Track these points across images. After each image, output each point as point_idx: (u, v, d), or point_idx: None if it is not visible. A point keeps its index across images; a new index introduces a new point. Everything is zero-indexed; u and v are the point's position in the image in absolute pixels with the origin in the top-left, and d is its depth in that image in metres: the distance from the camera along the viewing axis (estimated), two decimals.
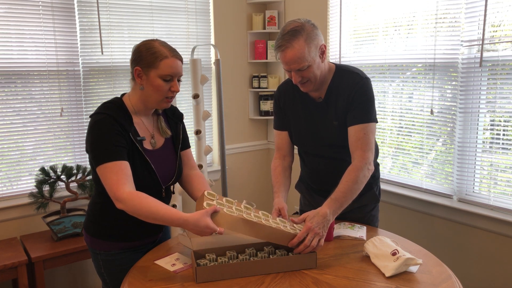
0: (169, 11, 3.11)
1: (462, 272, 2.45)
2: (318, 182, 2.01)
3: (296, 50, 1.67)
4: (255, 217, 1.52)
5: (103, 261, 1.69)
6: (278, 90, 2.00)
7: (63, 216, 2.57)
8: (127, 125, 1.56)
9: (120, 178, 1.47)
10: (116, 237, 1.67)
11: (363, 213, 1.97)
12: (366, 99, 1.79)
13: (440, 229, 2.57)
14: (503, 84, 2.24)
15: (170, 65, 1.55)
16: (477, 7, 2.28)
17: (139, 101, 1.62)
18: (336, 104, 1.82)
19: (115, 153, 1.50)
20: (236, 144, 3.54)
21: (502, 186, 2.32)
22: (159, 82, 1.55)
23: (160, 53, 1.55)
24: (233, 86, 3.47)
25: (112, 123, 1.52)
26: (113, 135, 1.51)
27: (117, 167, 1.48)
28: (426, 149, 2.64)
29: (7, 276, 2.31)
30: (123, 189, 1.46)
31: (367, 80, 1.80)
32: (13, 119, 2.62)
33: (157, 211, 1.45)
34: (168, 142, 1.73)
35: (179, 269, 1.55)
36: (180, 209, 2.96)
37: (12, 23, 2.55)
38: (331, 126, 1.84)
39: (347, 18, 2.96)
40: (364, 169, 1.75)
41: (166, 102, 1.61)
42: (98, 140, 1.52)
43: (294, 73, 1.74)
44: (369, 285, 1.42)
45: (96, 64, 2.84)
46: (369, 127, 1.78)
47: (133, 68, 1.58)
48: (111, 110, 1.57)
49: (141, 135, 1.62)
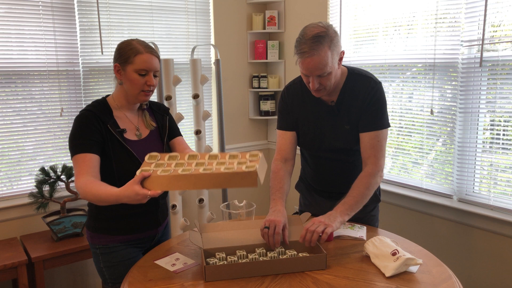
0: (169, 11, 3.11)
1: (462, 272, 2.45)
2: (321, 183, 2.00)
3: (322, 57, 1.62)
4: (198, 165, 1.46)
5: (102, 255, 1.74)
6: (287, 90, 1.95)
7: (63, 216, 2.57)
8: (106, 118, 1.67)
9: (82, 168, 1.57)
10: (114, 230, 1.73)
11: (363, 213, 1.94)
12: (380, 105, 1.79)
13: (440, 229, 2.57)
14: (503, 84, 2.24)
15: (144, 60, 1.65)
16: (477, 7, 2.28)
17: (121, 96, 1.73)
18: (349, 108, 1.80)
19: (84, 146, 1.60)
20: (236, 144, 3.54)
21: (502, 186, 2.32)
22: (135, 76, 1.65)
23: (135, 49, 1.65)
24: (233, 86, 3.47)
25: (89, 117, 1.64)
26: (86, 129, 1.62)
27: (82, 159, 1.59)
28: (426, 149, 2.64)
29: (7, 276, 2.31)
30: (79, 179, 1.56)
31: (380, 85, 1.81)
32: (13, 119, 2.62)
33: (98, 193, 1.50)
34: (154, 133, 1.81)
35: (179, 269, 1.55)
36: (180, 210, 2.96)
37: (12, 23, 2.55)
38: (343, 130, 1.82)
39: (347, 18, 2.96)
40: (376, 176, 1.77)
41: (143, 95, 1.69)
42: (72, 134, 1.64)
43: (313, 79, 1.68)
44: (369, 285, 1.42)
45: (96, 64, 2.85)
46: (382, 134, 1.79)
47: (114, 65, 1.70)
48: (91, 106, 1.70)
49: (123, 127, 1.71)
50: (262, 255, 1.55)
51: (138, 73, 1.65)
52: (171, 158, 1.53)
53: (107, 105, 1.72)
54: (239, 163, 1.46)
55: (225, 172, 1.40)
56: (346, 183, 1.83)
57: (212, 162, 1.49)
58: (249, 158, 1.48)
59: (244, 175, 1.38)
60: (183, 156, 1.54)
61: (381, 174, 1.81)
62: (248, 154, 1.51)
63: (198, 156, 1.53)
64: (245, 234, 1.70)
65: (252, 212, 1.91)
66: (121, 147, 1.68)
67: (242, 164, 1.45)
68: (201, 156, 1.53)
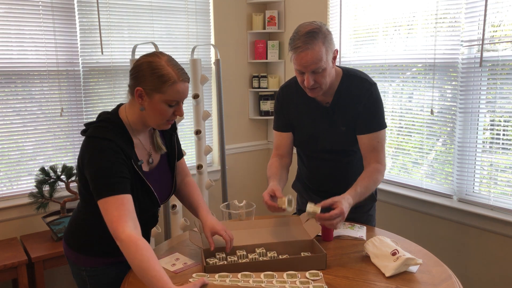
0: (169, 11, 3.11)
1: (462, 272, 2.45)
2: (317, 183, 2.01)
3: (316, 52, 1.63)
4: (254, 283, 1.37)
5: (89, 277, 1.59)
6: (281, 91, 1.96)
7: (63, 216, 2.57)
8: (129, 151, 1.46)
9: (122, 214, 1.35)
10: (103, 253, 1.57)
11: (361, 213, 1.96)
12: (377, 107, 1.80)
13: (440, 229, 2.57)
14: (503, 84, 2.24)
15: (178, 91, 1.42)
16: (477, 7, 2.28)
17: (138, 120, 1.50)
18: (344, 110, 1.81)
19: (118, 186, 1.38)
20: (236, 144, 3.54)
21: (502, 186, 2.32)
22: (163, 107, 1.43)
23: (168, 76, 1.40)
24: (233, 86, 3.47)
25: (116, 150, 1.41)
26: (117, 165, 1.40)
27: (119, 202, 1.37)
28: (426, 149, 2.64)
29: (7, 276, 2.31)
30: (123, 228, 1.34)
31: (375, 86, 1.81)
32: (13, 119, 2.62)
33: (148, 268, 1.29)
34: (163, 158, 1.64)
35: (179, 269, 1.55)
36: (180, 211, 2.96)
37: (12, 23, 2.55)
38: (339, 131, 1.83)
39: (347, 18, 2.96)
40: (383, 173, 1.82)
41: (167, 124, 1.50)
42: (101, 169, 1.39)
43: (308, 75, 1.68)
44: (369, 285, 1.42)
45: (96, 64, 2.84)
46: (381, 135, 1.81)
47: (134, 88, 1.43)
48: (111, 133, 1.44)
49: (140, 157, 1.52)
50: (262, 255, 1.56)
51: (168, 104, 1.43)
52: (222, 277, 1.40)
53: (126, 132, 1.48)
54: (300, 282, 1.37)
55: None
56: (341, 183, 1.84)
57: (271, 280, 1.38)
58: (311, 278, 1.40)
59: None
60: (236, 275, 1.40)
61: (384, 172, 1.84)
62: (308, 273, 1.42)
63: (253, 275, 1.41)
64: (245, 234, 1.70)
65: (252, 212, 1.91)
66: (142, 183, 1.50)
67: (304, 284, 1.37)
68: (256, 276, 1.41)
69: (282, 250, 1.60)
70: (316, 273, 1.43)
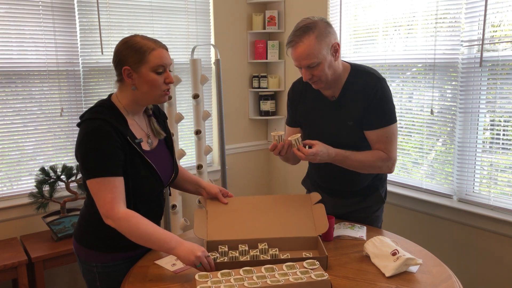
0: (169, 11, 3.11)
1: (462, 272, 2.45)
2: (326, 180, 2.00)
3: (306, 46, 1.66)
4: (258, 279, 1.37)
5: (99, 274, 1.60)
6: (292, 87, 1.99)
7: (63, 216, 2.57)
8: (124, 129, 1.49)
9: (116, 197, 1.41)
10: (114, 248, 1.58)
11: (368, 213, 1.97)
12: (385, 101, 1.78)
13: (440, 229, 2.57)
14: (503, 84, 2.24)
15: (159, 56, 1.49)
16: (477, 7, 2.28)
17: (131, 102, 1.55)
18: (352, 104, 1.81)
19: (111, 168, 1.42)
20: (236, 144, 3.54)
21: (502, 186, 2.32)
22: (153, 76, 1.49)
23: (146, 46, 1.49)
24: (233, 86, 3.47)
25: (109, 130, 1.44)
26: (110, 147, 1.43)
27: (112, 184, 1.41)
28: (426, 149, 2.64)
29: (7, 276, 2.31)
30: (118, 209, 1.41)
31: (384, 81, 1.80)
32: (13, 119, 2.62)
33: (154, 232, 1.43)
34: (162, 142, 1.69)
35: (179, 269, 1.55)
36: (180, 209, 2.96)
37: (12, 23, 2.55)
38: (346, 126, 1.82)
39: (347, 18, 2.96)
40: (386, 163, 1.80)
41: (163, 96, 1.54)
42: (92, 150, 1.43)
43: (304, 70, 1.72)
44: (369, 285, 1.42)
45: (96, 64, 2.84)
46: (390, 129, 1.79)
47: (121, 69, 1.50)
48: (105, 114, 1.48)
49: (138, 136, 1.56)
50: (263, 252, 1.56)
51: (156, 72, 1.49)
52: (224, 275, 1.40)
53: (119, 112, 1.53)
54: (301, 272, 1.39)
55: (298, 282, 1.33)
56: (350, 182, 1.85)
57: (273, 274, 1.39)
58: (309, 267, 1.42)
59: (318, 284, 1.35)
60: (238, 272, 1.40)
61: (391, 166, 1.82)
62: (305, 263, 1.44)
63: (254, 270, 1.41)
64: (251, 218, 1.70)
65: None
66: (142, 160, 1.52)
67: (305, 274, 1.38)
68: (257, 270, 1.41)
69: (285, 246, 1.60)
70: (313, 262, 1.44)
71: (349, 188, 1.90)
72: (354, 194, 1.95)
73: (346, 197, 1.96)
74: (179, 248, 1.42)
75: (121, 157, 1.46)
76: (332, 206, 1.94)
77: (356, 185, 1.88)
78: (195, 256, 1.40)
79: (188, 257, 1.40)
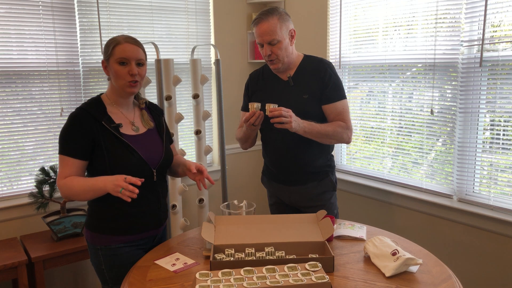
0: (169, 11, 3.11)
1: (462, 272, 2.45)
2: (279, 164, 2.14)
3: (270, 23, 1.94)
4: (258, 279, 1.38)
5: (104, 256, 1.71)
6: (250, 76, 2.24)
7: (63, 216, 2.57)
8: (100, 115, 1.68)
9: (64, 171, 1.64)
10: (117, 230, 1.71)
11: (323, 200, 2.14)
12: (337, 79, 2.05)
13: (440, 229, 2.57)
14: (503, 84, 2.24)
15: (122, 49, 1.66)
16: (477, 7, 2.28)
17: (112, 92, 1.74)
18: (305, 80, 2.04)
19: (70, 150, 1.64)
20: (236, 144, 3.53)
21: (502, 186, 2.32)
22: (117, 67, 1.66)
23: (113, 40, 1.69)
24: (233, 86, 3.47)
25: (82, 117, 1.65)
26: (76, 132, 1.64)
27: (66, 162, 1.64)
28: (426, 149, 2.64)
29: (7, 276, 2.31)
30: (60, 180, 1.63)
31: (332, 65, 2.08)
32: (13, 119, 2.62)
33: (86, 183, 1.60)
34: (153, 130, 1.82)
35: (179, 269, 1.55)
36: (180, 210, 2.96)
37: (12, 23, 2.55)
38: (301, 99, 2.03)
39: (347, 18, 2.96)
40: (346, 131, 2.03)
41: (129, 86, 1.69)
42: (63, 132, 1.66)
43: (265, 45, 1.97)
44: (369, 285, 1.42)
45: (96, 64, 2.84)
46: (345, 103, 2.06)
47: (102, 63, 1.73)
48: (86, 104, 1.71)
49: (117, 122, 1.71)
50: (270, 254, 1.56)
51: (119, 63, 1.66)
52: (225, 274, 1.40)
53: (101, 102, 1.73)
54: (302, 274, 1.39)
55: (298, 284, 1.33)
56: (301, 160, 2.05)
57: (273, 275, 1.40)
58: (311, 269, 1.42)
59: (318, 287, 1.34)
60: (239, 271, 1.41)
61: (350, 134, 2.06)
62: (307, 265, 1.44)
63: (255, 271, 1.41)
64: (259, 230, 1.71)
65: (252, 212, 1.91)
66: (118, 141, 1.67)
67: (306, 275, 1.38)
68: (258, 271, 1.42)
69: (291, 250, 1.60)
70: (315, 264, 1.44)
71: (302, 169, 2.09)
72: (307, 179, 2.12)
73: (301, 182, 2.12)
74: (106, 184, 1.55)
75: (83, 143, 1.64)
76: (288, 195, 2.17)
77: (307, 165, 2.08)
78: (113, 184, 1.52)
79: (111, 187, 1.53)
